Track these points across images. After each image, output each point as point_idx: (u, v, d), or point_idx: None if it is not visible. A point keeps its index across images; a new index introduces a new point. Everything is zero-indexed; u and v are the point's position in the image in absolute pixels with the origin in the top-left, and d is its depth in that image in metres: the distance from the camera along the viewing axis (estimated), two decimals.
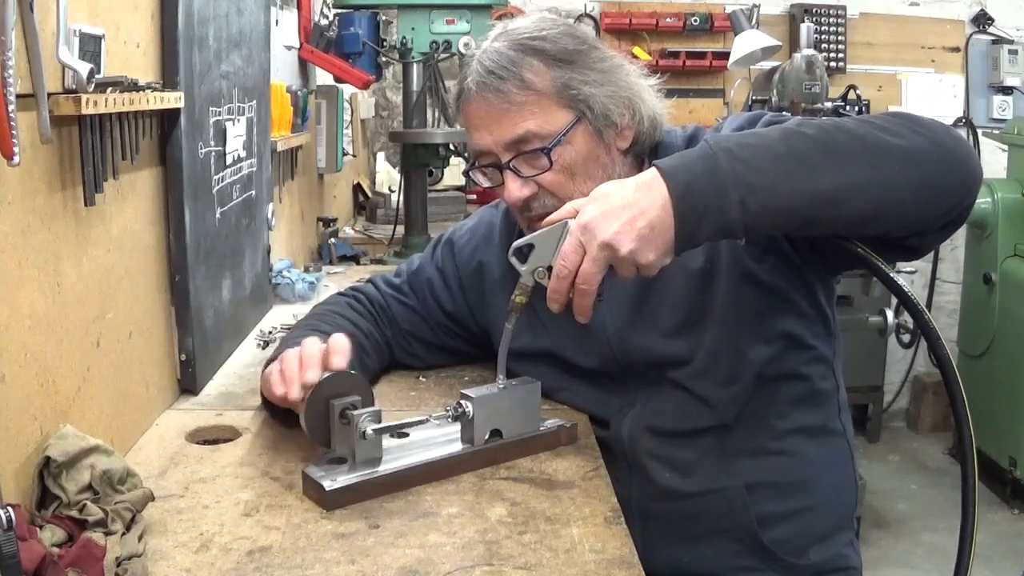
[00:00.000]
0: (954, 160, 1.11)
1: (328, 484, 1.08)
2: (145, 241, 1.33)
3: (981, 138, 4.00)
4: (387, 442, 1.16)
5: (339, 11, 2.80)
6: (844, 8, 4.40)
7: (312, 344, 1.20)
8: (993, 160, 4.09)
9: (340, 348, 1.18)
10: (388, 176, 3.85)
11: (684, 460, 1.31)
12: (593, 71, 1.29)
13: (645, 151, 1.35)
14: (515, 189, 1.29)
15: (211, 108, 1.51)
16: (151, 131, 1.30)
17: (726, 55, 3.84)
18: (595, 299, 1.09)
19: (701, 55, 4.31)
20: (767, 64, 3.82)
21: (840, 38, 4.41)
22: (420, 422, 1.20)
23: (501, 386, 1.22)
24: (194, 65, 1.41)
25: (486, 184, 1.37)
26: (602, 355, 1.35)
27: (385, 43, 2.81)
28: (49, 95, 0.97)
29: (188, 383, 1.46)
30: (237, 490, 1.13)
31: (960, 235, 3.92)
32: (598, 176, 1.29)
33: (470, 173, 1.38)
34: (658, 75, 1.38)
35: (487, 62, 1.28)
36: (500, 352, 1.21)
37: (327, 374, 1.17)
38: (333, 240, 2.69)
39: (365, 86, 2.84)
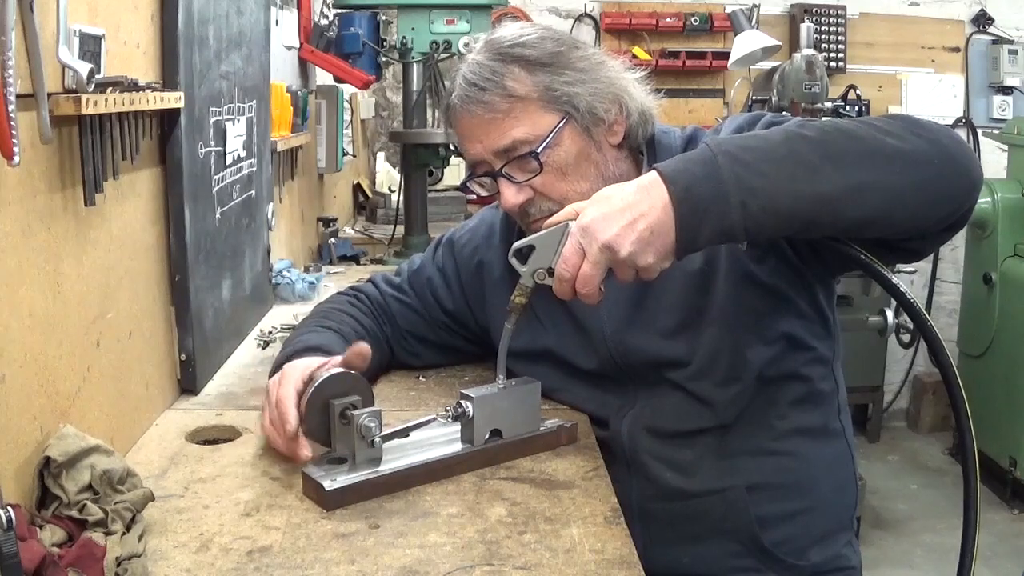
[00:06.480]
0: (955, 163, 1.11)
1: (328, 484, 1.08)
2: (145, 241, 1.33)
3: (981, 138, 4.00)
4: (387, 442, 1.16)
5: (339, 11, 2.80)
6: (844, 8, 4.40)
7: (288, 385, 1.19)
8: (993, 160, 4.09)
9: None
10: (388, 176, 3.85)
11: (684, 460, 1.31)
12: (574, 70, 1.29)
13: (639, 144, 1.35)
14: (510, 196, 1.30)
15: (211, 108, 1.51)
16: (151, 131, 1.30)
17: (726, 55, 3.84)
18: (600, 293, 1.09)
19: (701, 55, 4.31)
20: (767, 64, 3.81)
21: (840, 38, 4.41)
22: (427, 422, 1.20)
23: (501, 386, 1.22)
24: (194, 65, 1.41)
25: (483, 194, 1.38)
26: (600, 356, 1.35)
27: (385, 43, 2.81)
28: (49, 95, 0.97)
29: (188, 383, 1.46)
30: (237, 490, 1.13)
31: (960, 235, 3.88)
32: (591, 175, 1.29)
33: (467, 185, 1.38)
34: (642, 68, 1.38)
35: (469, 75, 1.28)
36: (500, 352, 1.21)
37: (327, 374, 1.17)
38: (333, 240, 2.69)
39: (365, 86, 2.84)
